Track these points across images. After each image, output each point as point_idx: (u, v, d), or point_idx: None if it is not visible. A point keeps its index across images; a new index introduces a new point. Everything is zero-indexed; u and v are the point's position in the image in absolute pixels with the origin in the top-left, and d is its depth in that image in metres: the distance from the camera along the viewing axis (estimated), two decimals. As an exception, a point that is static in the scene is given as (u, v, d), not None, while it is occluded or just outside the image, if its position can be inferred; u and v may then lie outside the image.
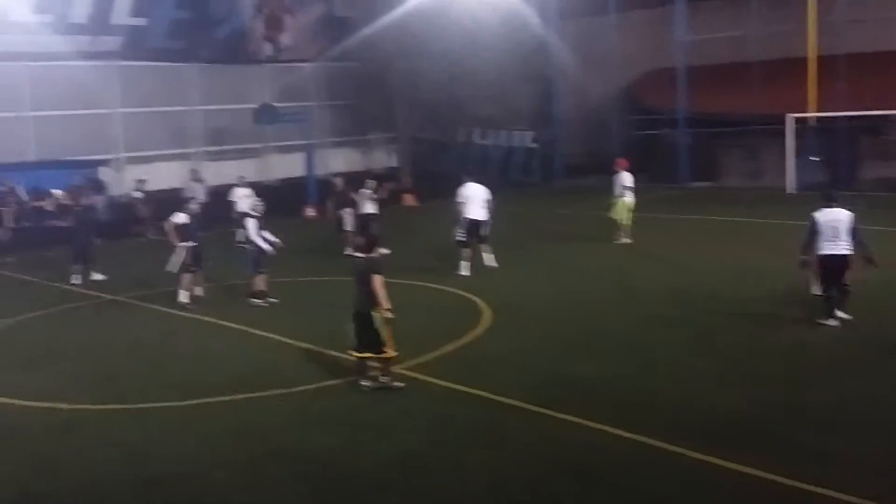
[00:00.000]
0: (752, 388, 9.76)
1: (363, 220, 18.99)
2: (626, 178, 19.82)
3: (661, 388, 9.94)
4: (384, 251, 10.86)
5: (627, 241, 19.54)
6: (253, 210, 15.43)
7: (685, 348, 11.51)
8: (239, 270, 15.85)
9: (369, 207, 19.43)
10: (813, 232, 12.06)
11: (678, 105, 30.88)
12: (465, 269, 16.83)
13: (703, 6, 31.58)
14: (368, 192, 19.64)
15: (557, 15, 33.49)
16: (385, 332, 10.05)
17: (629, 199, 19.71)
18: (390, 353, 10.10)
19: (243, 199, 21.20)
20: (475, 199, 17.20)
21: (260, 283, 15.05)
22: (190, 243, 15.24)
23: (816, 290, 12.43)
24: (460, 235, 17.09)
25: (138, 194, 25.32)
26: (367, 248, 10.66)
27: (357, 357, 10.26)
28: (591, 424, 8.79)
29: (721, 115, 29.79)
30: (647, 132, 31.92)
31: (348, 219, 19.54)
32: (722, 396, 9.56)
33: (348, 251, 18.14)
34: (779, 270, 14.68)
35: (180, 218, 15.42)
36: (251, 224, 15.05)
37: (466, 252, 16.96)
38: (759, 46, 28.99)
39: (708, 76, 30.35)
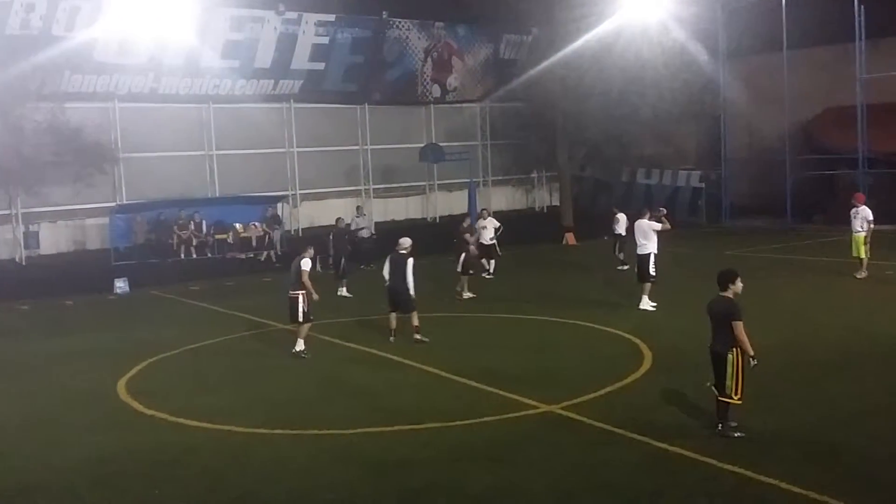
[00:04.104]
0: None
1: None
2: (868, 213, 19.60)
3: (846, 444, 9.30)
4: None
5: (865, 274, 19.48)
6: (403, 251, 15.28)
7: (867, 400, 10.84)
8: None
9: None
10: None
11: (858, 144, 29.35)
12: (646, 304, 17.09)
13: (885, 43, 29.98)
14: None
15: (727, 52, 32.69)
16: (735, 378, 9.40)
17: (865, 233, 19.52)
18: (734, 399, 9.47)
19: (485, 231, 21.81)
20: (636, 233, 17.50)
21: (414, 318, 15.08)
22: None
23: None
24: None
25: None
26: (722, 284, 9.68)
27: (718, 398, 9.69)
28: (761, 478, 8.38)
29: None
30: (823, 172, 30.42)
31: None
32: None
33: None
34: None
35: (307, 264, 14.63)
36: (410, 264, 14.99)
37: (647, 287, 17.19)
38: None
39: (890, 114, 28.69)
